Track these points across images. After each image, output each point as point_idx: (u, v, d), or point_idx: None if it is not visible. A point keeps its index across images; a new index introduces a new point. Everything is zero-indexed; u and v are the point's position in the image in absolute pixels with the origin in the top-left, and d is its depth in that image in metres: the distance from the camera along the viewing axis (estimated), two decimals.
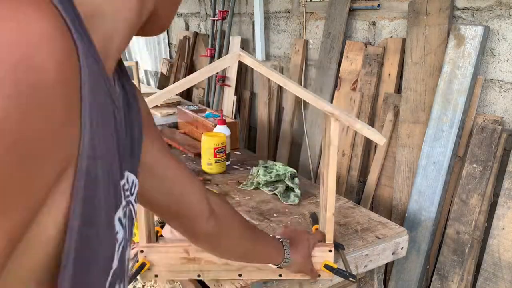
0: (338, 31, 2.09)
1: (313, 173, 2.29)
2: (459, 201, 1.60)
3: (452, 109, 1.60)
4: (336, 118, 0.97)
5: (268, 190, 1.59)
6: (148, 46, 4.34)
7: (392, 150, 1.89)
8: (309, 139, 2.31)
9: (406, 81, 1.78)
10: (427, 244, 1.70)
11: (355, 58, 2.04)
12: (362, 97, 1.99)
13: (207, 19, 3.35)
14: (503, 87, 1.54)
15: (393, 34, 1.90)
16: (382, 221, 1.39)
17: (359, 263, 1.24)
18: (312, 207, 1.48)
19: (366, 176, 2.02)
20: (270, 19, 2.63)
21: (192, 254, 1.09)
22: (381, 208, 1.94)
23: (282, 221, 1.38)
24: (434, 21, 1.66)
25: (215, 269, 1.10)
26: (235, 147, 2.12)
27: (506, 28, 1.50)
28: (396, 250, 1.32)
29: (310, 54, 2.37)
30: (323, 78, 2.19)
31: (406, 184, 1.79)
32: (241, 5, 2.86)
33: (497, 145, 1.50)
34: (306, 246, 1.03)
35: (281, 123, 2.55)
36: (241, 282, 1.10)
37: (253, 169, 1.69)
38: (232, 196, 1.57)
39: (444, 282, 1.66)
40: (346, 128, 2.07)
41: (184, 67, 3.55)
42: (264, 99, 2.63)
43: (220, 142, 1.77)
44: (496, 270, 1.49)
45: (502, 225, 1.48)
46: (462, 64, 1.57)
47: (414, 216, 1.73)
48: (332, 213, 1.04)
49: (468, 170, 1.57)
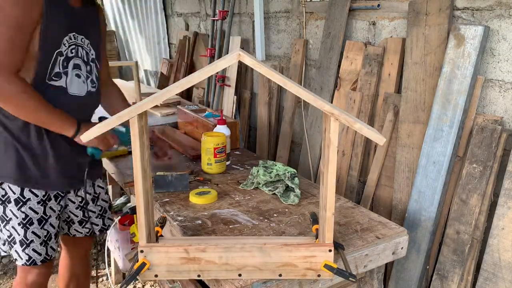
0: (338, 31, 2.09)
1: (313, 173, 2.29)
2: (459, 201, 1.60)
3: (452, 109, 1.60)
4: (336, 118, 0.97)
5: (268, 190, 1.60)
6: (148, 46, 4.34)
7: (392, 150, 1.89)
8: (309, 139, 2.31)
9: (406, 81, 1.78)
10: (427, 244, 1.70)
11: (355, 58, 2.04)
12: (362, 97, 1.99)
13: (207, 19, 3.35)
14: (503, 87, 1.54)
15: (393, 34, 1.90)
16: (382, 221, 1.39)
17: (359, 263, 1.24)
18: (312, 207, 1.48)
19: (366, 176, 2.02)
20: (270, 19, 2.63)
21: (192, 254, 1.09)
22: (381, 208, 1.94)
23: (282, 221, 1.38)
24: (434, 21, 1.66)
25: (215, 269, 1.10)
26: (235, 147, 2.12)
27: (506, 28, 1.50)
28: (396, 250, 1.32)
29: (310, 54, 2.37)
30: (323, 78, 2.20)
31: (406, 184, 1.79)
32: (241, 5, 2.86)
33: (497, 145, 1.50)
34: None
35: (281, 123, 2.55)
36: (241, 282, 1.10)
37: (253, 169, 1.69)
38: (232, 196, 1.57)
39: (444, 282, 1.66)
40: (346, 128, 2.07)
41: (184, 67, 3.55)
42: (264, 99, 2.63)
43: (220, 142, 1.77)
44: (496, 270, 1.49)
45: (502, 225, 1.48)
46: (462, 64, 1.57)
47: (414, 216, 1.73)
48: (332, 213, 1.04)
49: (468, 170, 1.57)
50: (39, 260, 1.54)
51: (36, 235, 1.52)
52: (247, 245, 1.09)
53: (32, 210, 1.50)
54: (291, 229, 1.33)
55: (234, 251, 1.09)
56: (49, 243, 1.56)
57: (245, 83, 2.93)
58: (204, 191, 1.56)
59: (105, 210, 1.79)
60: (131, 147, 1.01)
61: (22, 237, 1.51)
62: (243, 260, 1.09)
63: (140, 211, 1.06)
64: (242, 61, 0.94)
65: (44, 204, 1.52)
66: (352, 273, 1.08)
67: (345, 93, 2.08)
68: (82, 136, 1.01)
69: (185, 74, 3.53)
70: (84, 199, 1.65)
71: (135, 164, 1.03)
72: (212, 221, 1.39)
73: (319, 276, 1.10)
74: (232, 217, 1.41)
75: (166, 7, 4.01)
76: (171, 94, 0.99)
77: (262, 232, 1.32)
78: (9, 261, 2.76)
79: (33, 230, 1.51)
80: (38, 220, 1.51)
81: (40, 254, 1.54)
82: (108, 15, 5.04)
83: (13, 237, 1.51)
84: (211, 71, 0.97)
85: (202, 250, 1.09)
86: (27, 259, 1.53)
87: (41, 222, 1.53)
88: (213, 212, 1.45)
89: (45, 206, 1.53)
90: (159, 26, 4.10)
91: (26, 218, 1.50)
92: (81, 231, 1.74)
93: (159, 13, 4.05)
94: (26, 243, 1.51)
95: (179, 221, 1.38)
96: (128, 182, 1.72)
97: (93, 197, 1.73)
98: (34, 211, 1.50)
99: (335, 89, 2.15)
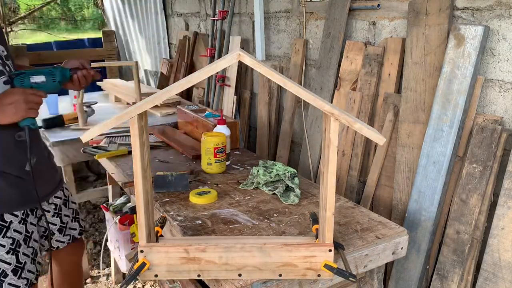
0: (338, 31, 2.09)
1: (313, 173, 2.29)
2: (459, 201, 1.60)
3: (452, 109, 1.60)
4: (336, 118, 0.97)
5: (268, 190, 1.60)
6: (148, 46, 4.34)
7: (392, 150, 1.89)
8: (309, 139, 2.31)
9: (406, 81, 1.78)
10: (427, 244, 1.70)
11: (355, 58, 2.04)
12: (362, 97, 1.99)
13: (207, 19, 3.35)
14: (503, 87, 1.54)
15: (393, 34, 1.90)
16: (382, 221, 1.39)
17: (359, 263, 1.24)
18: (312, 207, 1.49)
19: (366, 176, 2.02)
20: (270, 19, 2.63)
21: (192, 254, 1.09)
22: (381, 208, 1.94)
23: (282, 221, 1.38)
24: (434, 21, 1.66)
25: (215, 269, 1.10)
26: (235, 147, 2.12)
27: (506, 28, 1.50)
28: (396, 250, 1.32)
29: (310, 54, 2.37)
30: (323, 78, 2.20)
31: (406, 184, 1.79)
32: (241, 5, 2.87)
33: (497, 145, 1.50)
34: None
35: (281, 123, 2.55)
36: (241, 282, 1.10)
37: (253, 169, 1.69)
38: (232, 196, 1.57)
39: (444, 282, 1.66)
40: (346, 128, 2.07)
41: (184, 67, 3.55)
42: (264, 99, 2.63)
43: (220, 142, 1.77)
44: (496, 270, 1.49)
45: (502, 225, 1.48)
46: (462, 64, 1.57)
47: (414, 216, 1.73)
48: (332, 212, 1.04)
49: (468, 170, 1.57)
50: (33, 279, 1.51)
51: (26, 255, 1.48)
52: (247, 245, 1.09)
53: (16, 231, 1.45)
54: (291, 229, 1.33)
55: (234, 251, 1.09)
56: (36, 259, 1.53)
57: (245, 83, 2.93)
58: (204, 191, 1.57)
59: (77, 212, 1.78)
60: (132, 147, 1.01)
61: (14, 264, 1.45)
62: (243, 260, 1.09)
63: (140, 211, 1.06)
64: (242, 61, 0.94)
65: (24, 222, 1.48)
66: (352, 273, 1.08)
67: (345, 93, 2.08)
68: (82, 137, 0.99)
69: (185, 74, 3.53)
70: (59, 205, 1.65)
71: (135, 164, 1.03)
72: (212, 221, 1.39)
73: (319, 276, 1.10)
74: (232, 217, 1.41)
75: (166, 7, 4.01)
76: (171, 94, 0.99)
77: (262, 232, 1.32)
78: None
79: (22, 251, 1.47)
80: (23, 240, 1.47)
81: (33, 272, 1.51)
82: (108, 15, 5.04)
83: (2, 270, 1.44)
84: (211, 71, 0.97)
85: (202, 250, 1.09)
86: (25, 284, 1.48)
87: (26, 241, 1.48)
88: (213, 212, 1.45)
89: (26, 224, 1.48)
90: (159, 26, 4.10)
91: (14, 242, 1.44)
92: (63, 240, 1.71)
93: (159, 13, 4.05)
94: (20, 268, 1.46)
95: (179, 221, 1.38)
96: (128, 182, 1.72)
97: (64, 201, 1.70)
98: (18, 232, 1.45)
99: (335, 89, 2.15)
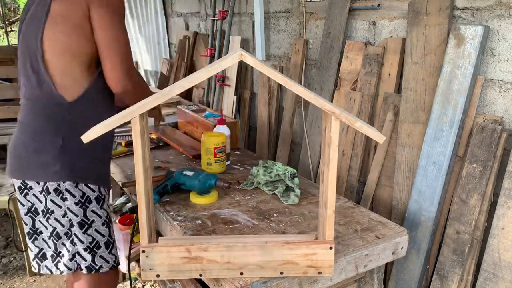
0: (338, 31, 2.10)
1: (313, 173, 2.29)
2: (459, 201, 1.60)
3: (452, 109, 1.61)
4: (336, 117, 0.98)
5: (268, 190, 1.60)
6: (148, 46, 4.34)
7: (392, 150, 1.89)
8: (309, 139, 2.31)
9: (406, 81, 1.78)
10: (427, 244, 1.70)
11: (355, 58, 2.04)
12: (362, 97, 2.00)
13: (207, 19, 3.35)
14: (503, 87, 1.54)
15: (393, 34, 1.91)
16: (382, 221, 1.39)
17: (359, 263, 1.25)
18: (312, 207, 1.49)
19: (366, 176, 2.02)
20: (270, 19, 2.63)
21: (194, 253, 1.09)
22: (381, 208, 1.94)
23: (282, 221, 1.38)
24: (434, 21, 1.66)
25: (217, 268, 1.10)
26: (235, 147, 2.13)
27: (506, 28, 1.50)
28: (396, 250, 1.32)
29: (310, 54, 2.38)
30: (323, 78, 2.20)
31: (406, 184, 1.80)
32: (241, 5, 2.87)
33: (497, 145, 1.50)
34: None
35: (281, 123, 2.55)
36: (241, 281, 1.10)
37: (253, 169, 1.69)
38: (232, 196, 1.57)
39: (444, 282, 1.66)
40: (346, 128, 2.08)
41: (184, 67, 3.55)
42: (264, 99, 2.63)
43: (220, 142, 1.77)
44: (496, 270, 1.50)
45: (502, 225, 1.48)
46: (462, 64, 1.57)
47: (414, 216, 1.73)
48: (332, 210, 1.05)
49: (468, 170, 1.57)
50: (116, 262, 1.51)
51: (113, 232, 1.51)
52: (248, 244, 1.09)
53: (108, 207, 1.49)
54: (291, 229, 1.33)
55: (236, 250, 1.09)
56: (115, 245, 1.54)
57: (245, 83, 2.93)
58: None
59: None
60: (133, 148, 1.01)
61: (107, 237, 1.46)
62: (245, 258, 1.10)
63: (141, 211, 1.06)
64: (244, 61, 0.94)
65: (107, 203, 1.51)
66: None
67: (345, 93, 2.08)
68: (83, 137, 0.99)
69: (185, 74, 3.53)
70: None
71: (137, 164, 1.03)
72: (212, 221, 1.39)
73: (320, 274, 1.11)
74: (232, 217, 1.42)
75: (166, 7, 4.01)
76: (172, 94, 0.99)
77: (262, 232, 1.32)
78: (9, 261, 2.76)
79: (112, 227, 1.50)
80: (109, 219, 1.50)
81: (116, 254, 1.52)
82: None
83: (96, 241, 1.44)
84: (213, 71, 0.97)
85: (204, 249, 1.09)
86: (114, 260, 1.48)
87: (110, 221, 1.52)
88: (213, 212, 1.45)
89: (107, 205, 1.52)
90: (159, 26, 4.10)
91: (108, 216, 1.47)
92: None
93: (159, 13, 4.04)
94: (111, 243, 1.47)
95: (179, 221, 1.39)
96: (128, 182, 1.72)
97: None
98: (108, 208, 1.49)
99: (335, 89, 2.15)
